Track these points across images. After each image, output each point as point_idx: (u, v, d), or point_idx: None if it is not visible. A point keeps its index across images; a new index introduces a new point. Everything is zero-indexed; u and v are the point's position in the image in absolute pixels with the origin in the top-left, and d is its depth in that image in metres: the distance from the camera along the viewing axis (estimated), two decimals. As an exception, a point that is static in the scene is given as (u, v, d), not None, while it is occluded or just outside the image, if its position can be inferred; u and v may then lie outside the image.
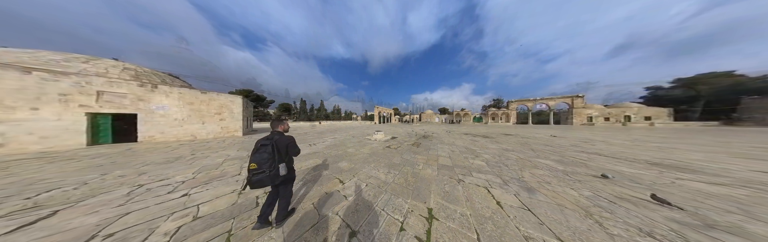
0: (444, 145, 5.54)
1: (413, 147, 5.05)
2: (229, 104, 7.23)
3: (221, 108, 7.00)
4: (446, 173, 2.69)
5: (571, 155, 4.05)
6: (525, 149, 4.74)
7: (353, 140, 6.42)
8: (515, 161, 3.42)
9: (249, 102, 10.08)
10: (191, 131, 6.25)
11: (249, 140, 6.11)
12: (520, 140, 6.77)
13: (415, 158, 3.70)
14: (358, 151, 4.35)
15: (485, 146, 5.26)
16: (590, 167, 3.03)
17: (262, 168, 1.15)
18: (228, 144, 5.16)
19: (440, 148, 4.95)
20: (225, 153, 3.94)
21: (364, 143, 5.66)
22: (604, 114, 21.20)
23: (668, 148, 5.02)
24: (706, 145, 5.51)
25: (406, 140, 6.82)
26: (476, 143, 6.16)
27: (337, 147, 4.94)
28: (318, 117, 43.25)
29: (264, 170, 1.15)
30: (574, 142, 6.28)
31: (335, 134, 8.96)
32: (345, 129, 13.50)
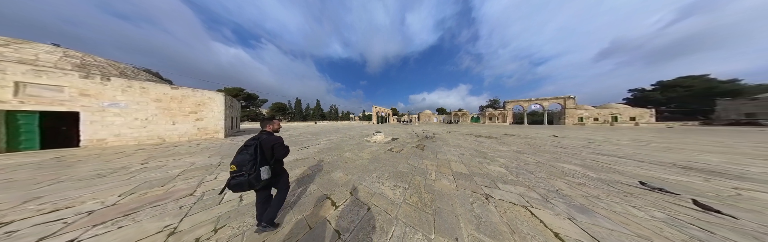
0: (450, 147, 5.09)
1: (418, 150, 4.55)
2: (208, 102, 6.35)
3: (198, 106, 6.11)
4: (466, 184, 2.20)
5: (589, 157, 3.73)
6: (538, 152, 4.38)
7: (351, 142, 5.82)
8: (537, 167, 3.01)
9: (234, 100, 9.15)
10: (158, 133, 5.34)
11: (231, 143, 5.33)
12: (525, 141, 6.48)
13: (423, 164, 3.19)
14: (357, 156, 3.78)
15: (495, 149, 4.87)
16: (623, 172, 2.67)
17: (242, 170, 1.05)
18: (201, 148, 4.38)
19: (448, 151, 4.49)
20: (190, 161, 3.20)
21: (363, 146, 5.09)
22: (593, 115, 21.99)
23: (676, 148, 4.90)
24: (708, 145, 5.49)
25: (408, 141, 6.32)
26: (482, 144, 5.78)
27: (331, 151, 4.33)
28: (314, 117, 41.92)
29: (243, 172, 1.05)
30: (580, 143, 6.08)
31: (331, 135, 8.30)
32: (342, 130, 12.80)
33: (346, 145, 5.28)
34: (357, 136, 8.04)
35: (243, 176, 1.05)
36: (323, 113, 45.77)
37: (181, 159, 3.25)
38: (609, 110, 21.43)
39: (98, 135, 4.50)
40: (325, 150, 4.43)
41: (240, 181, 1.04)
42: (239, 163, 1.05)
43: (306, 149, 4.46)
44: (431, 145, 5.48)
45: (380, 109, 31.09)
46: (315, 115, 42.85)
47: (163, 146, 4.73)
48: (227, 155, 3.69)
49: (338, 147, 4.88)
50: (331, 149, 4.64)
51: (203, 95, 6.24)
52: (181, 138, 5.76)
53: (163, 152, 3.87)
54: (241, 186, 1.05)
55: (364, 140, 6.48)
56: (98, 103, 4.46)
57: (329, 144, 5.44)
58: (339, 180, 2.30)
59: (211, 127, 6.44)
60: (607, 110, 21.51)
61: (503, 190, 2.05)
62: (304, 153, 3.99)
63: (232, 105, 8.25)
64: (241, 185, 1.04)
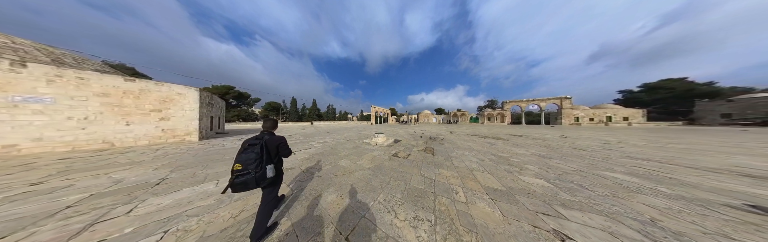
0: (462, 151, 4.46)
1: (428, 155, 3.88)
2: (178, 99, 5.35)
3: (164, 103, 5.11)
4: (514, 211, 1.54)
5: (626, 162, 3.21)
6: (562, 156, 3.83)
7: (348, 146, 5.06)
8: (581, 177, 2.41)
9: (215, 98, 8.10)
10: (104, 136, 4.28)
11: (204, 148, 4.42)
12: (537, 142, 5.99)
13: (441, 175, 2.51)
14: (355, 165, 3.04)
15: (512, 152, 4.28)
16: (696, 185, 2.12)
17: (248, 169, 1.06)
18: (155, 156, 3.43)
19: (462, 156, 3.84)
20: (119, 177, 2.27)
21: (363, 151, 4.35)
22: (589, 115, 22.39)
23: (699, 150, 4.58)
24: (721, 145, 5.26)
25: (413, 144, 5.65)
26: (495, 146, 5.21)
27: (325, 158, 3.56)
28: (310, 117, 40.50)
29: (250, 171, 1.06)
30: (595, 144, 5.66)
31: (326, 137, 7.48)
32: (339, 130, 11.94)
33: (343, 149, 4.52)
34: (355, 138, 7.27)
35: (249, 175, 1.05)
36: (320, 113, 44.39)
37: (108, 174, 2.34)
38: (603, 111, 21.89)
39: (4, 140, 3.39)
40: (317, 156, 3.65)
41: (245, 179, 1.04)
42: (244, 162, 1.06)
43: (293, 156, 3.66)
44: (440, 148, 4.83)
45: (379, 109, 30.38)
46: (311, 115, 41.42)
47: (106, 153, 3.71)
48: (185, 165, 2.84)
49: (333, 152, 4.11)
50: (324, 154, 3.87)
51: (170, 89, 5.24)
52: (138, 142, 4.74)
53: (91, 163, 2.87)
54: (246, 185, 1.05)
55: (364, 142, 5.74)
56: (4, 97, 3.38)
57: (323, 148, 4.66)
58: (331, 207, 1.57)
59: (182, 128, 5.44)
60: (601, 111, 21.96)
61: (574, 221, 1.40)
62: (288, 162, 3.19)
63: (211, 103, 7.23)
64: (246, 183, 1.05)
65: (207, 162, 3.03)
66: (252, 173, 1.05)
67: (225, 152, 3.89)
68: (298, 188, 2.00)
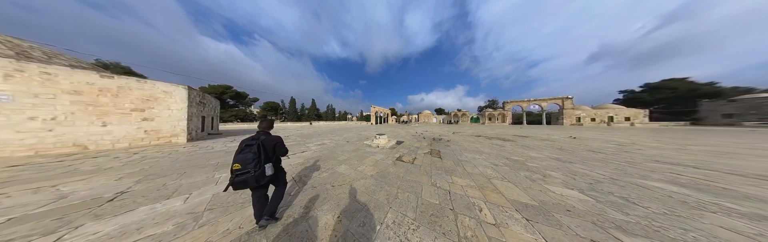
0: (471, 153, 4.11)
1: (435, 159, 3.52)
2: (163, 97, 4.95)
3: (147, 102, 4.71)
4: (562, 239, 1.19)
5: (658, 168, 2.87)
6: (582, 160, 3.49)
7: (348, 148, 4.70)
8: (621, 188, 2.07)
9: (207, 97, 7.70)
10: (75, 138, 3.86)
11: (190, 151, 4.04)
12: (547, 144, 5.66)
13: (455, 184, 2.16)
14: (356, 171, 2.68)
15: (526, 155, 3.94)
16: (765, 199, 1.78)
17: (247, 168, 1.10)
18: (128, 162, 3.03)
19: (472, 159, 3.50)
20: (70, 189, 1.87)
21: (364, 154, 3.99)
22: (591, 115, 22.16)
23: (723, 151, 4.32)
24: (740, 146, 4.99)
25: (416, 145, 5.29)
26: (504, 149, 4.87)
27: (321, 163, 3.20)
28: (309, 117, 40.05)
29: (249, 170, 1.10)
30: (608, 145, 5.34)
31: (325, 138, 7.10)
32: (338, 131, 11.56)
33: (342, 152, 4.15)
34: (355, 139, 6.90)
35: (248, 174, 1.09)
36: (319, 113, 43.95)
37: (56, 186, 1.92)
38: (605, 111, 21.67)
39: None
40: (313, 161, 3.28)
41: (245, 178, 1.08)
42: (243, 161, 1.09)
43: (286, 160, 3.28)
44: (447, 151, 4.48)
45: (379, 109, 30.03)
46: (310, 115, 40.96)
47: (73, 157, 3.27)
48: (158, 173, 2.46)
49: (331, 156, 3.74)
50: (321, 158, 3.50)
51: (155, 87, 4.83)
52: (117, 144, 4.32)
53: (45, 172, 2.46)
54: (245, 183, 1.09)
55: (364, 144, 5.37)
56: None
57: (320, 151, 4.28)
58: (324, 238, 1.19)
59: (167, 129, 5.03)
60: (603, 111, 21.74)
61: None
62: None
63: (202, 102, 6.82)
64: (245, 181, 1.08)
65: (186, 169, 2.65)
66: (251, 172, 1.09)
67: (210, 157, 3.51)
68: (287, 204, 1.64)
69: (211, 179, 2.21)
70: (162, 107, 4.92)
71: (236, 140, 6.19)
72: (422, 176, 2.44)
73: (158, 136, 4.87)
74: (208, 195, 1.77)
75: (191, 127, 5.71)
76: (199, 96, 6.45)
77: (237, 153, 1.14)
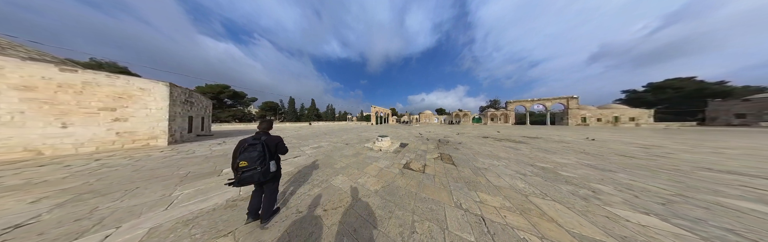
0: (487, 158, 3.60)
1: (448, 166, 3.01)
2: (139, 95, 4.39)
3: (119, 100, 4.16)
4: None
5: (721, 179, 2.38)
6: (624, 167, 2.98)
7: (347, 152, 4.18)
8: (708, 211, 1.57)
9: (196, 95, 7.17)
10: (27, 142, 3.32)
11: (163, 157, 3.50)
12: (566, 147, 5.16)
13: (486, 205, 1.66)
14: (356, 183, 2.16)
15: (551, 160, 3.43)
16: None
17: (253, 165, 1.18)
18: (79, 171, 2.51)
19: (492, 166, 2.98)
20: None
21: (365, 159, 3.47)
22: (596, 115, 21.71)
23: (764, 156, 3.78)
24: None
25: (423, 148, 4.78)
26: (521, 152, 4.37)
27: (315, 171, 2.68)
28: (308, 117, 39.48)
29: (255, 167, 1.18)
30: (634, 148, 4.85)
31: (322, 140, 6.58)
32: (338, 132, 11.02)
33: (340, 158, 3.63)
34: (355, 141, 6.38)
35: (255, 170, 1.18)
36: (319, 114, 43.39)
37: None
38: (611, 111, 21.22)
39: None
40: (306, 170, 2.76)
41: (252, 174, 1.17)
42: (249, 159, 1.18)
43: None
44: (459, 155, 3.96)
45: (379, 109, 29.55)
46: (310, 115, 40.39)
47: (13, 166, 2.72)
48: (101, 189, 1.90)
49: (327, 162, 3.22)
50: (314, 166, 2.97)
51: (129, 83, 4.28)
52: (81, 149, 3.76)
53: None
54: (251, 179, 1.18)
55: (365, 147, 4.85)
56: None
57: (315, 156, 3.76)
58: None
59: (144, 130, 4.48)
60: (609, 111, 21.29)
61: None
62: None
63: (190, 101, 6.29)
64: (252, 177, 1.17)
65: (143, 182, 2.13)
66: (258, 169, 1.18)
67: (184, 164, 2.97)
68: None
69: (164, 199, 1.68)
70: (138, 105, 4.38)
71: (226, 143, 5.67)
72: (440, 192, 1.93)
73: (133, 138, 4.31)
74: (145, 227, 1.25)
75: (174, 128, 5.17)
76: (185, 94, 5.91)
77: (240, 152, 1.21)
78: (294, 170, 2.74)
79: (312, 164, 3.06)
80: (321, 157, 3.66)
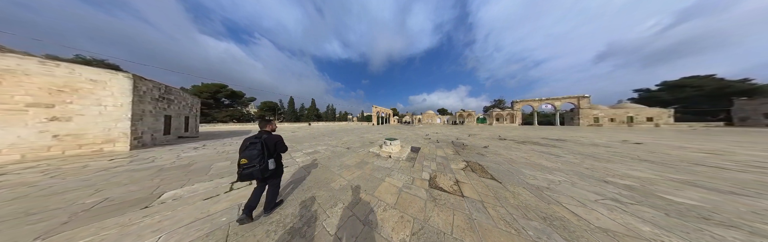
0: (531, 170, 2.72)
1: (490, 183, 2.14)
2: (89, 88, 3.54)
3: (59, 94, 3.32)
4: None
5: None
6: (741, 186, 2.07)
7: (349, 160, 3.31)
8: None
9: (178, 92, 6.34)
10: None
11: (104, 169, 2.65)
12: (612, 152, 4.25)
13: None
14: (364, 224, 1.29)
15: (624, 174, 2.53)
16: None
17: (253, 163, 1.24)
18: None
19: (551, 184, 2.11)
20: None
21: (373, 172, 2.60)
22: (609, 115, 20.61)
23: None
24: None
25: (439, 154, 3.90)
26: (563, 159, 3.51)
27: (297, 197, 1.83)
28: (308, 118, 38.71)
29: (254, 164, 1.24)
30: (700, 155, 3.91)
31: (320, 143, 5.71)
32: (338, 133, 10.14)
33: (340, 169, 2.75)
34: (357, 144, 5.51)
35: (254, 167, 1.23)
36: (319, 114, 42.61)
37: None
38: (625, 110, 20.10)
39: None
40: (285, 191, 1.88)
41: (251, 171, 1.23)
42: (249, 157, 1.24)
43: (232, 194, 1.87)
44: (490, 164, 3.09)
45: (380, 109, 28.69)
46: (309, 115, 39.62)
47: None
48: None
49: (321, 179, 2.34)
50: (299, 185, 2.10)
51: (74, 73, 3.42)
52: (3, 157, 2.92)
53: None
54: (251, 176, 1.24)
55: (371, 153, 3.97)
56: None
57: (307, 166, 2.89)
58: None
59: (96, 133, 3.62)
60: (622, 110, 20.17)
61: None
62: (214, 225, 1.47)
63: (166, 97, 5.43)
64: (251, 174, 1.23)
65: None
66: (257, 166, 1.24)
67: (117, 182, 2.10)
68: None
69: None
70: (87, 101, 3.53)
71: (206, 146, 4.83)
72: None
73: (79, 143, 3.46)
74: None
75: (142, 130, 4.33)
76: (159, 90, 5.06)
77: (243, 150, 1.28)
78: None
79: (298, 182, 2.19)
80: (314, 168, 2.78)
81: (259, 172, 1.22)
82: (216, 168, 2.69)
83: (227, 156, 3.48)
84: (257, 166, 1.22)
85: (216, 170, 2.57)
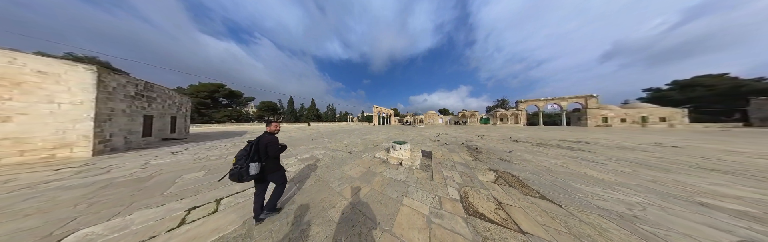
0: (581, 182, 2.16)
1: (547, 205, 1.55)
2: (37, 82, 2.96)
3: (-2, 89, 2.73)
4: None
5: None
6: None
7: (351, 171, 2.71)
8: None
9: (161, 89, 5.76)
10: None
11: (27, 185, 2.09)
12: (657, 158, 3.65)
13: None
14: None
15: (718, 193, 1.93)
16: None
17: (238, 164, 1.22)
18: None
19: (629, 206, 1.53)
20: None
21: (385, 187, 2.02)
22: (619, 115, 19.86)
23: None
24: None
25: (457, 160, 3.31)
26: (607, 167, 2.96)
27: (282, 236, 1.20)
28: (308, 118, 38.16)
29: (239, 165, 1.22)
30: (740, 159, 3.27)
31: (318, 146, 5.13)
32: (338, 134, 9.52)
33: (341, 184, 2.16)
34: (360, 147, 4.91)
35: (236, 169, 1.21)
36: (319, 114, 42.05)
37: None
38: (637, 110, 19.35)
39: None
40: (256, 231, 1.28)
41: (233, 172, 1.20)
42: (237, 157, 1.24)
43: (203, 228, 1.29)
44: (526, 175, 2.50)
45: (381, 109, 28.10)
46: (309, 115, 39.07)
47: None
48: None
49: (315, 200, 1.76)
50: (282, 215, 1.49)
51: (14, 63, 2.81)
52: None
53: None
54: (233, 177, 1.20)
55: (377, 159, 3.37)
56: None
57: (299, 178, 2.31)
58: None
59: (46, 136, 3.01)
60: (634, 110, 19.42)
61: None
62: None
63: (143, 94, 4.72)
64: (233, 176, 1.20)
65: None
66: (237, 169, 1.20)
67: (35, 204, 1.51)
68: None
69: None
70: (34, 98, 2.93)
71: (189, 150, 4.24)
72: None
73: (21, 148, 2.84)
74: None
75: (111, 131, 3.73)
76: (136, 86, 4.45)
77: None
78: (235, 230, 1.26)
79: (282, 204, 1.58)
80: (307, 182, 2.17)
81: (237, 175, 1.18)
82: (181, 183, 2.09)
83: (205, 164, 2.88)
84: (237, 169, 1.19)
85: (178, 187, 1.97)
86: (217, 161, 3.16)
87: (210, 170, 2.56)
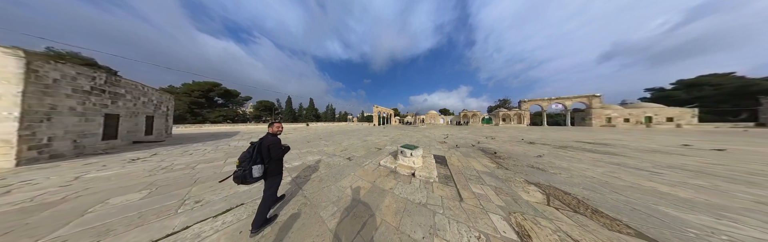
0: (672, 207, 1.56)
1: None
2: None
3: None
4: None
5: None
6: None
7: (350, 184, 2.07)
8: None
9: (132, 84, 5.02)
10: None
11: None
12: (721, 164, 3.04)
13: None
14: None
15: None
16: None
17: (242, 166, 1.21)
18: None
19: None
20: None
21: (399, 216, 1.43)
22: (624, 115, 19.44)
23: None
24: None
25: (480, 169, 2.70)
26: (665, 179, 2.46)
27: None
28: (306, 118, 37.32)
29: (243, 168, 1.20)
30: None
31: (312, 151, 4.47)
32: (337, 135, 8.81)
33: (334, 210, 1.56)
34: (361, 151, 4.25)
35: (240, 171, 1.19)
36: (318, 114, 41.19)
37: None
38: (642, 110, 18.93)
39: None
40: None
41: (238, 175, 1.19)
42: (241, 159, 1.23)
43: None
44: (581, 191, 1.91)
45: (381, 109, 27.44)
46: (308, 115, 38.22)
47: None
48: None
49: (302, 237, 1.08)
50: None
51: None
52: None
53: None
54: (237, 179, 1.19)
55: (384, 168, 2.73)
56: None
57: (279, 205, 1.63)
58: None
59: None
60: (639, 110, 19.01)
61: None
62: None
63: (106, 89, 3.95)
64: (237, 178, 1.19)
65: None
66: (240, 171, 1.19)
67: None
68: None
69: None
70: None
71: (155, 156, 3.56)
72: None
73: None
74: None
75: (51, 134, 2.98)
76: (92, 79, 3.66)
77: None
78: None
79: (277, 215, 0.95)
80: (285, 214, 1.52)
81: (241, 177, 1.16)
82: (94, 214, 1.34)
83: (158, 178, 2.17)
84: (240, 171, 1.17)
85: (81, 223, 1.23)
86: (179, 172, 2.46)
87: (158, 188, 1.87)
